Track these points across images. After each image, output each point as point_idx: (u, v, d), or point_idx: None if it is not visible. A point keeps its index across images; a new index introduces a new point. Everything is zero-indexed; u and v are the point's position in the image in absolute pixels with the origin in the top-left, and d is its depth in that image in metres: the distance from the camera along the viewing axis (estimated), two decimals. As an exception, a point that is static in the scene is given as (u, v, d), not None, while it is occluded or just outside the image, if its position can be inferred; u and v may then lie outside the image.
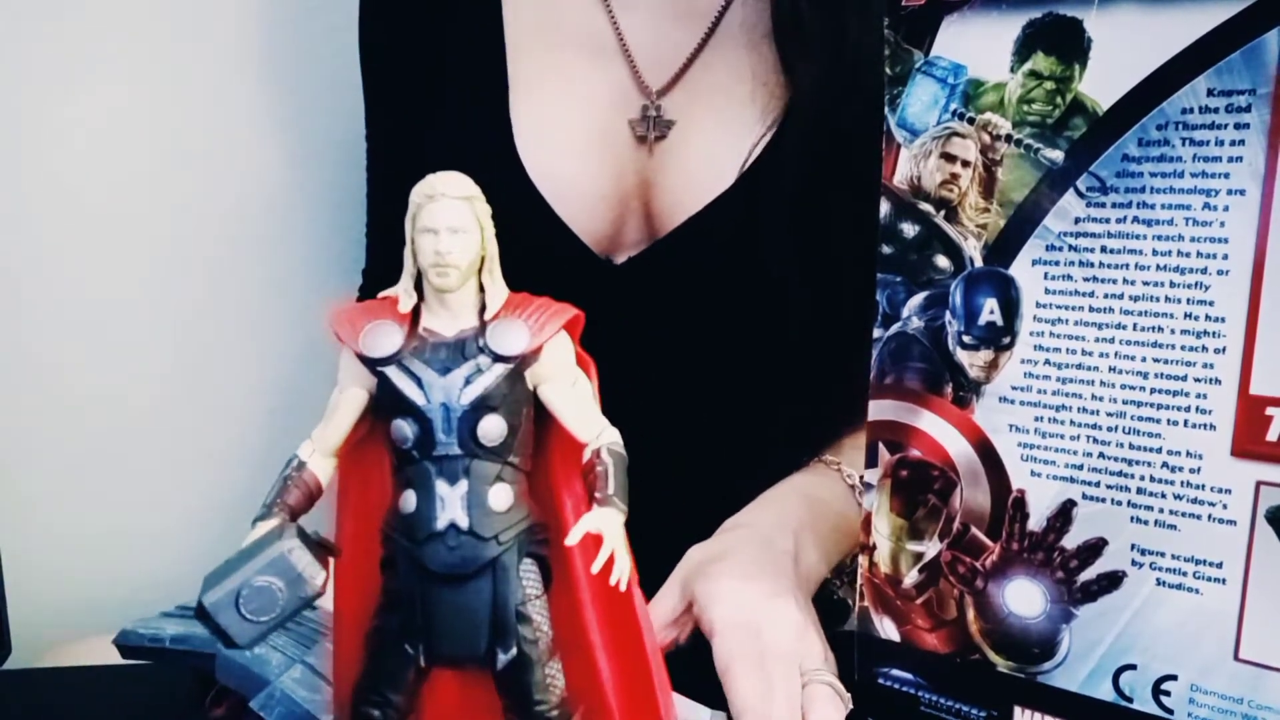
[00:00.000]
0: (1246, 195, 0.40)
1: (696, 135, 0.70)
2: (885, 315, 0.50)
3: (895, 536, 0.50)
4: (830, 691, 0.49)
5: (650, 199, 0.70)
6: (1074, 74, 0.43)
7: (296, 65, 0.91)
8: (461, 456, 0.34)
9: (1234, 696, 0.42)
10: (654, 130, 0.69)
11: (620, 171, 0.70)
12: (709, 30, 0.71)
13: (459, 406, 0.34)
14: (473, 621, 0.34)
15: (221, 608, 0.32)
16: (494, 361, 0.35)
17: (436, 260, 0.35)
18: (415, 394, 0.34)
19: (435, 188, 0.35)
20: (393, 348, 0.35)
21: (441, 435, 0.34)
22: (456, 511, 0.34)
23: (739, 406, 0.72)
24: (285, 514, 0.35)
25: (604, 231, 0.70)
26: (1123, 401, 0.44)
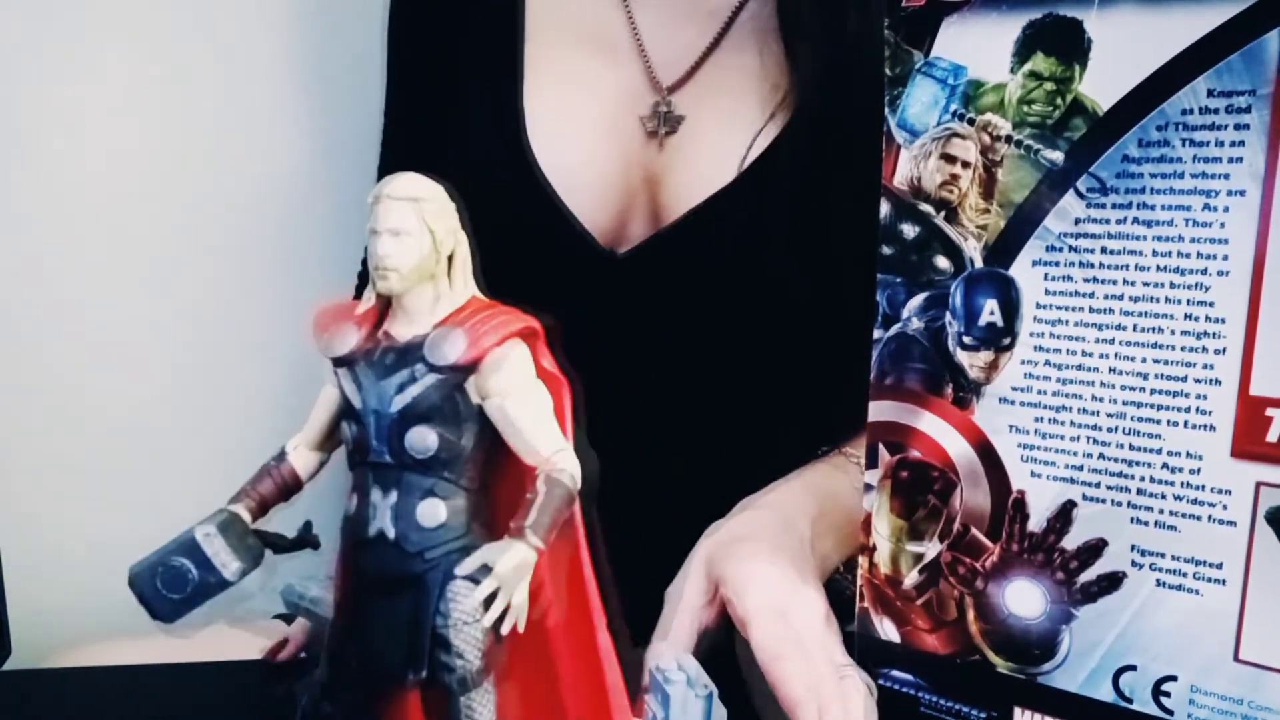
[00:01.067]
0: (1246, 196, 0.40)
1: (705, 131, 0.71)
2: (885, 316, 0.50)
3: (895, 537, 0.50)
4: (862, 686, 0.48)
5: (657, 193, 0.71)
6: (1074, 75, 0.43)
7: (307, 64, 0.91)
8: (393, 466, 0.33)
9: (1234, 697, 0.42)
10: (664, 126, 0.71)
11: (628, 165, 0.71)
12: (722, 29, 0.72)
13: (388, 414, 0.33)
14: (389, 636, 0.33)
15: (142, 580, 0.34)
16: (428, 370, 0.33)
17: (379, 263, 0.34)
18: (354, 397, 0.34)
19: (381, 189, 0.34)
20: (345, 349, 0.34)
21: (374, 441, 0.33)
22: (385, 520, 0.33)
23: (740, 400, 0.73)
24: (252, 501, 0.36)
25: (610, 224, 0.71)
26: (1123, 402, 0.44)
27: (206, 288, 0.91)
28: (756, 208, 0.69)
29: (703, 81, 0.72)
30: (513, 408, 0.34)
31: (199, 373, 0.92)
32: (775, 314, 0.71)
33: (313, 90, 0.91)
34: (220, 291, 0.91)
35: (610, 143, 0.71)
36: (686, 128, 0.71)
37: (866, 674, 0.49)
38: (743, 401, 0.73)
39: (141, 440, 0.91)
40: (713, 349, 0.72)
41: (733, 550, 0.53)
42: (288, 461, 0.36)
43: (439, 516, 0.33)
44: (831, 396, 0.74)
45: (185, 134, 0.88)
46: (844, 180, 0.65)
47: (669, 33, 0.73)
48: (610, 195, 0.71)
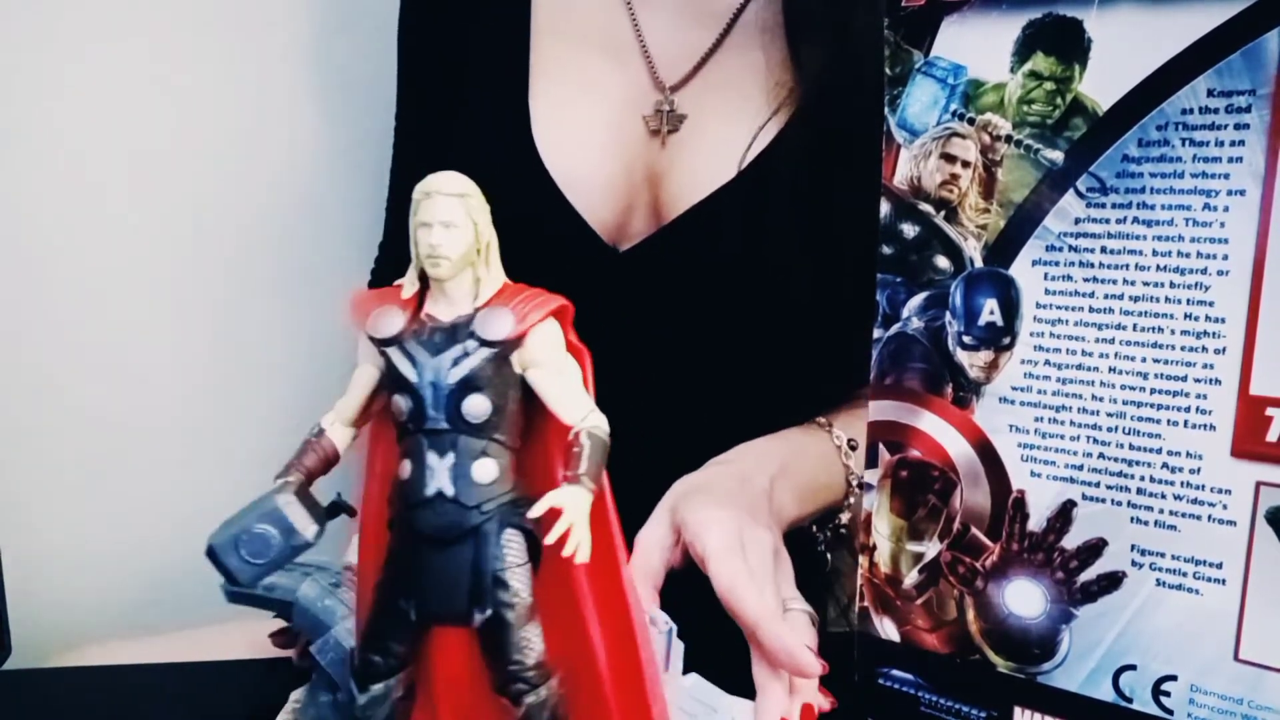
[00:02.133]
0: (1246, 195, 0.40)
1: (706, 129, 0.72)
2: (885, 315, 0.50)
3: (895, 537, 0.50)
4: (807, 619, 0.53)
5: (659, 190, 0.72)
6: (1074, 74, 0.43)
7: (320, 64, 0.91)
8: (449, 431, 0.37)
9: (1234, 697, 0.42)
10: (666, 124, 0.72)
11: (632, 164, 0.72)
12: (725, 29, 0.73)
13: (446, 385, 0.37)
14: (454, 582, 0.37)
15: (224, 549, 0.37)
16: (480, 345, 0.37)
17: (430, 252, 0.37)
18: (410, 372, 0.37)
19: (431, 185, 0.38)
20: (394, 330, 0.38)
21: (431, 410, 0.37)
22: (444, 481, 0.37)
23: (738, 394, 0.74)
24: (301, 474, 0.38)
25: (613, 220, 0.72)
26: (1123, 402, 0.44)
27: (209, 289, 0.91)
28: (757, 204, 0.70)
29: (705, 81, 0.73)
30: (552, 376, 0.38)
31: (200, 373, 0.92)
32: (774, 310, 0.71)
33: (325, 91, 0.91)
34: (223, 293, 0.91)
35: (614, 142, 0.72)
36: (689, 126, 0.72)
37: (809, 606, 0.54)
38: (741, 395, 0.74)
39: (142, 441, 0.91)
40: (712, 344, 0.72)
41: (693, 499, 0.58)
42: (327, 436, 0.39)
43: (492, 473, 0.37)
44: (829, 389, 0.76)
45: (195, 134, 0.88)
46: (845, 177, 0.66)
47: (672, 33, 0.74)
48: (614, 193, 0.72)
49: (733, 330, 0.72)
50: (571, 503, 0.36)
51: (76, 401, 0.89)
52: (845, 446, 0.71)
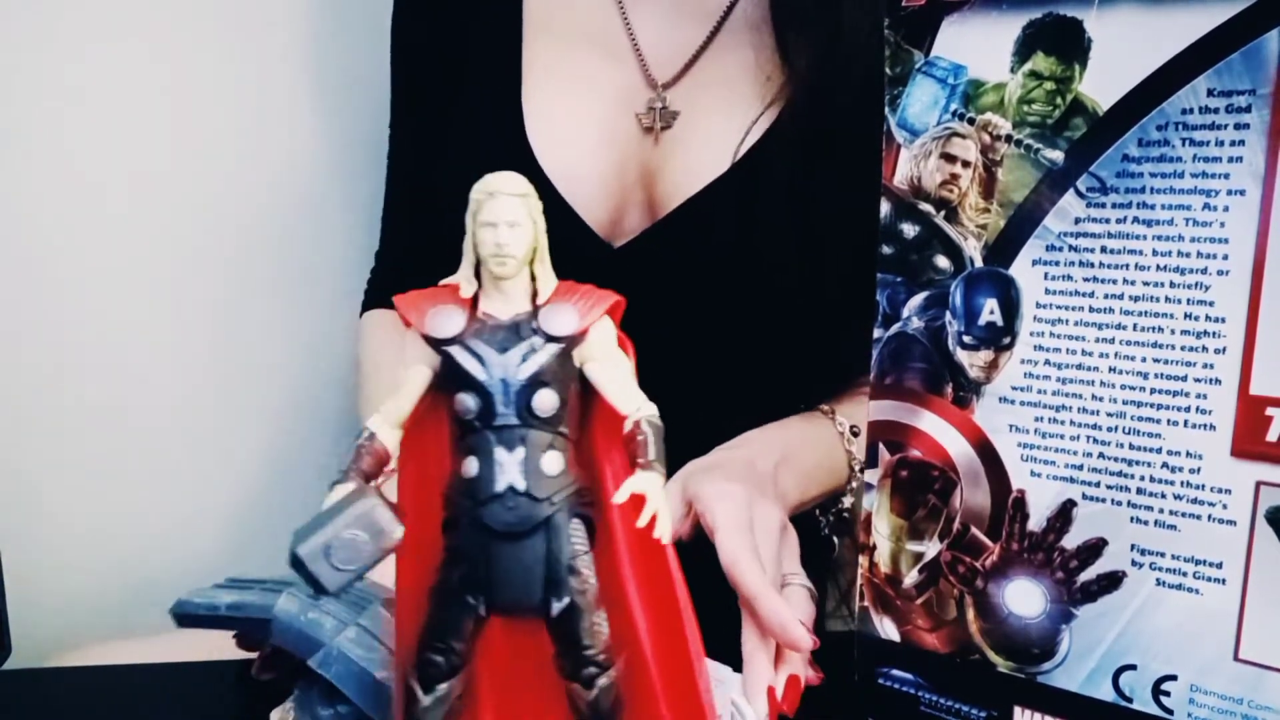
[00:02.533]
0: (1246, 195, 0.40)
1: (699, 125, 0.72)
2: (885, 315, 0.50)
3: (895, 536, 0.50)
4: (806, 593, 0.55)
5: (653, 187, 0.73)
6: (1074, 74, 0.43)
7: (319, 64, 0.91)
8: (518, 426, 0.38)
9: (1234, 697, 0.42)
10: (659, 121, 0.72)
11: (625, 161, 0.72)
12: (716, 26, 0.74)
13: (516, 381, 0.38)
14: (529, 574, 0.38)
15: (314, 557, 0.36)
16: (546, 341, 0.38)
17: (496, 251, 0.38)
18: (478, 370, 0.38)
19: (494, 186, 0.38)
20: (456, 329, 0.38)
21: (501, 407, 0.38)
22: (514, 475, 0.38)
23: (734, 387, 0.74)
24: (360, 479, 0.38)
25: (608, 217, 0.72)
26: (1123, 402, 0.44)
27: (209, 289, 0.91)
28: (748, 198, 0.70)
29: (697, 78, 0.73)
30: (609, 369, 0.39)
31: (200, 373, 0.92)
32: (769, 303, 0.72)
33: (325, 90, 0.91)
34: (223, 293, 0.91)
35: (608, 139, 0.72)
36: (681, 123, 0.72)
37: (809, 582, 0.57)
38: (738, 389, 0.74)
39: (142, 441, 0.91)
40: (708, 338, 0.73)
41: (705, 475, 0.60)
42: (379, 439, 0.39)
43: (559, 465, 0.38)
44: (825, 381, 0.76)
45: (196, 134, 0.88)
46: (835, 170, 0.68)
47: (663, 32, 0.74)
48: (608, 190, 0.72)
49: (728, 324, 0.73)
50: (653, 488, 0.37)
51: (77, 401, 0.89)
52: (848, 432, 0.72)
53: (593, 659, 0.38)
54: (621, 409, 0.39)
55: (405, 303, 0.40)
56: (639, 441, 0.38)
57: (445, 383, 0.39)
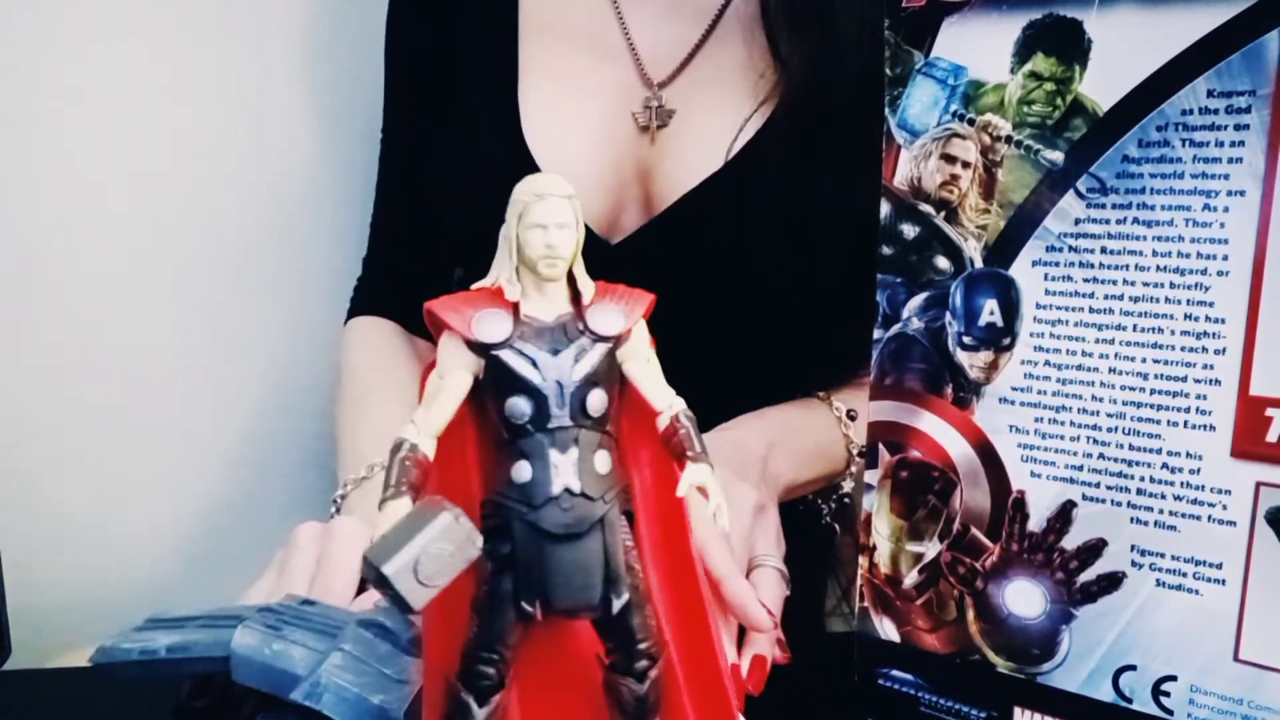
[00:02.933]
0: (1246, 196, 0.40)
1: (694, 123, 0.73)
2: (885, 316, 0.50)
3: (895, 537, 0.50)
4: (776, 575, 0.57)
5: (649, 185, 0.73)
6: (1074, 75, 0.44)
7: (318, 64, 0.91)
8: (572, 427, 0.38)
9: (1234, 697, 0.42)
10: (655, 120, 0.73)
11: (621, 159, 0.73)
12: (711, 24, 0.74)
13: (571, 383, 0.38)
14: (589, 574, 0.38)
15: (402, 574, 0.35)
16: (595, 342, 0.38)
17: (548, 253, 0.38)
18: (531, 373, 0.38)
19: (541, 188, 0.38)
20: (505, 333, 0.38)
21: (555, 409, 0.38)
22: (569, 477, 0.37)
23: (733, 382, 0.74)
24: (411, 492, 0.37)
25: (605, 215, 0.73)
26: (1123, 402, 0.44)
27: (209, 289, 0.91)
28: (743, 194, 0.70)
29: (692, 76, 0.74)
30: (647, 367, 0.40)
31: (200, 373, 0.92)
32: (765, 299, 0.72)
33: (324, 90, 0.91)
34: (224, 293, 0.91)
35: (604, 138, 0.73)
36: (677, 121, 0.73)
37: (782, 564, 0.58)
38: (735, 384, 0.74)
39: (143, 441, 0.91)
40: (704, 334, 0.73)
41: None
42: (421, 450, 0.39)
43: (608, 464, 0.38)
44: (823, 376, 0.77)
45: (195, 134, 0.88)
46: (829, 167, 0.68)
47: (658, 31, 0.75)
48: (605, 188, 0.73)
49: (723, 320, 0.73)
50: (712, 480, 0.38)
51: (77, 401, 0.89)
52: (844, 417, 0.73)
53: (646, 651, 0.39)
54: (657, 405, 0.40)
55: (444, 307, 0.39)
56: (683, 435, 0.39)
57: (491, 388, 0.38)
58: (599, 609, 0.38)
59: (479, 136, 0.75)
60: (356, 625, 0.45)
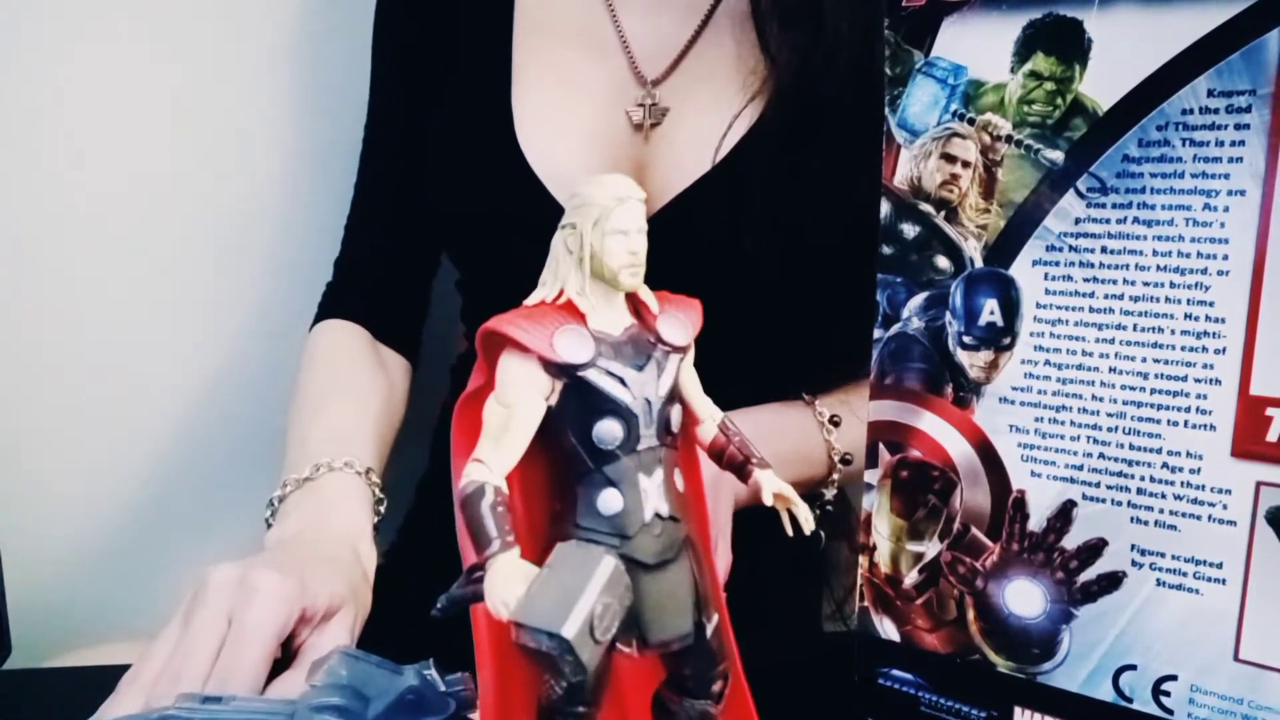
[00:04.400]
0: (1247, 196, 0.40)
1: (687, 120, 0.73)
2: (885, 315, 0.50)
3: (895, 537, 0.50)
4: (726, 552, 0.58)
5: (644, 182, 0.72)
6: (1074, 74, 0.43)
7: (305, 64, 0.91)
8: (659, 447, 0.35)
9: (1234, 697, 0.42)
10: (649, 117, 0.73)
11: (615, 157, 0.73)
12: (703, 21, 0.74)
13: (659, 400, 0.35)
14: (682, 602, 0.35)
15: (581, 638, 0.31)
16: (668, 354, 0.36)
17: (631, 261, 0.35)
18: (621, 393, 0.35)
19: (620, 190, 0.35)
20: (590, 352, 0.35)
21: (645, 429, 0.35)
22: (658, 501, 0.35)
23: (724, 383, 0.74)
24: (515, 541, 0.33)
25: None
26: (1123, 402, 0.44)
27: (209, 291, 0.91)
28: (734, 193, 0.70)
29: (686, 73, 0.74)
30: (694, 376, 0.38)
31: (200, 374, 0.92)
32: (756, 299, 0.72)
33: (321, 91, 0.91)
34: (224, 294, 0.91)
35: (598, 137, 0.73)
36: (670, 119, 0.73)
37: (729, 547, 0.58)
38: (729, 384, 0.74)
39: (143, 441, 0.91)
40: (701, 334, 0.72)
41: None
42: (504, 490, 0.34)
43: (683, 481, 0.36)
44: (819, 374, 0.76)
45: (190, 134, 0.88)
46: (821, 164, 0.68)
47: (651, 28, 0.75)
48: None
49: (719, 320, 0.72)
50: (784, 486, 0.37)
51: (76, 402, 0.89)
52: (827, 422, 0.71)
53: (723, 671, 0.36)
54: (702, 414, 0.38)
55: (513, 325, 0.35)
56: (738, 443, 0.37)
57: (570, 413, 0.35)
58: (693, 635, 0.35)
59: (473, 137, 0.74)
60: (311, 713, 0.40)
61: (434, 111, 0.77)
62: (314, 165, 0.92)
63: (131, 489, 0.91)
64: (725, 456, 0.37)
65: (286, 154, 0.91)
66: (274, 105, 0.90)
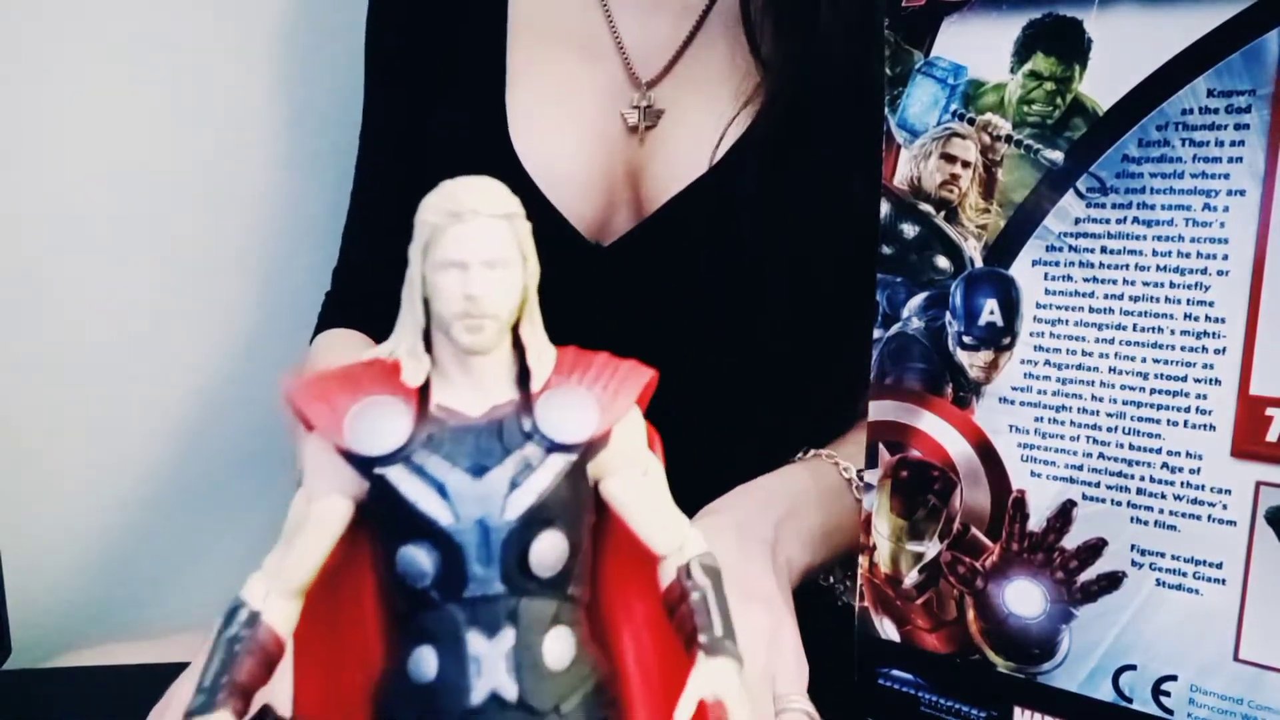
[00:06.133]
0: (1246, 196, 0.40)
1: (682, 123, 0.72)
2: (885, 315, 0.50)
3: (895, 537, 0.50)
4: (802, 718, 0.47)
5: (639, 186, 0.72)
6: (1074, 75, 0.43)
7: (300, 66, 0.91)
8: (505, 596, 0.25)
9: (1234, 697, 0.42)
10: (644, 120, 0.72)
11: (611, 160, 0.72)
12: (697, 22, 0.73)
13: (503, 524, 0.25)
14: None
15: None
16: (548, 452, 0.25)
17: (467, 309, 0.25)
18: (436, 508, 0.24)
19: (463, 202, 0.25)
20: (399, 438, 0.25)
21: (477, 568, 0.24)
22: (499, 676, 0.24)
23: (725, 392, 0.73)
24: (239, 701, 0.24)
25: (595, 217, 0.72)
26: (1123, 402, 0.44)
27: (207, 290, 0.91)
28: (730, 197, 0.70)
29: (681, 75, 0.73)
30: (640, 485, 0.27)
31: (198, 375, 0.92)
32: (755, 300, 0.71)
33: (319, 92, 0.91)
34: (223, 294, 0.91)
35: (593, 140, 0.72)
36: (666, 121, 0.72)
37: (809, 704, 0.47)
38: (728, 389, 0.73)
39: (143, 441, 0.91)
40: (697, 336, 0.72)
41: None
42: (264, 624, 0.25)
43: (569, 652, 0.25)
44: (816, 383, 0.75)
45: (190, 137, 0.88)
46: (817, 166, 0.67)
47: (646, 29, 0.74)
48: (595, 191, 0.72)
49: (717, 323, 0.72)
50: (730, 690, 0.25)
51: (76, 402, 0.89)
52: (855, 479, 0.63)
53: None
54: (658, 547, 0.26)
55: (307, 393, 0.26)
56: (693, 604, 0.25)
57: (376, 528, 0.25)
58: None
59: (467, 141, 0.73)
60: None
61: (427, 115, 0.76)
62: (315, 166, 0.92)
63: (132, 489, 0.91)
64: (676, 616, 0.26)
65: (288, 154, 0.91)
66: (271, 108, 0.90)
